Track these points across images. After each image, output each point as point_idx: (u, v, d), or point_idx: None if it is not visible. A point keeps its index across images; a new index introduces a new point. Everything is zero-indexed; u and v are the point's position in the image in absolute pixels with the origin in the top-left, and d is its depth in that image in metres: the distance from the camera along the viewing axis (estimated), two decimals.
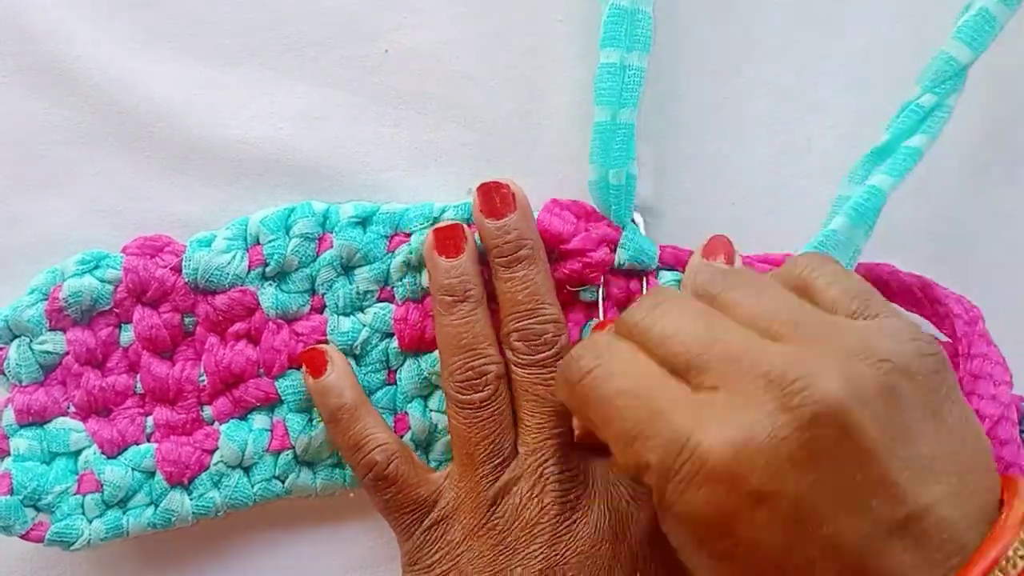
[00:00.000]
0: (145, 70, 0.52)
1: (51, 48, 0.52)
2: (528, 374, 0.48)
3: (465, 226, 0.50)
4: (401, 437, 0.51)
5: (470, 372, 0.48)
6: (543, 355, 0.48)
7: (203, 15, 0.52)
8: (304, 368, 0.50)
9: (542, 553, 0.47)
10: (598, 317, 0.51)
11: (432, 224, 0.50)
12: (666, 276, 0.51)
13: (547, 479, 0.47)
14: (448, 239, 0.49)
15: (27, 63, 0.52)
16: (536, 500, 0.47)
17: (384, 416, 0.51)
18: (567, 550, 0.47)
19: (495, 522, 0.47)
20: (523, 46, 0.53)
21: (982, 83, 0.53)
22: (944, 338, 0.51)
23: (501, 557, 0.47)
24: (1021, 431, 0.49)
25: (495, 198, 0.49)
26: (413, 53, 0.53)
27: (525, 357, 0.48)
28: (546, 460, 0.48)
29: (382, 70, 0.53)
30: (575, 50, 0.53)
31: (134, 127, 0.52)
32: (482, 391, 0.48)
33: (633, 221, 0.51)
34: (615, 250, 0.50)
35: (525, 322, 0.48)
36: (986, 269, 0.54)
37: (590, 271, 0.50)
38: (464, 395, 0.48)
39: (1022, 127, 0.54)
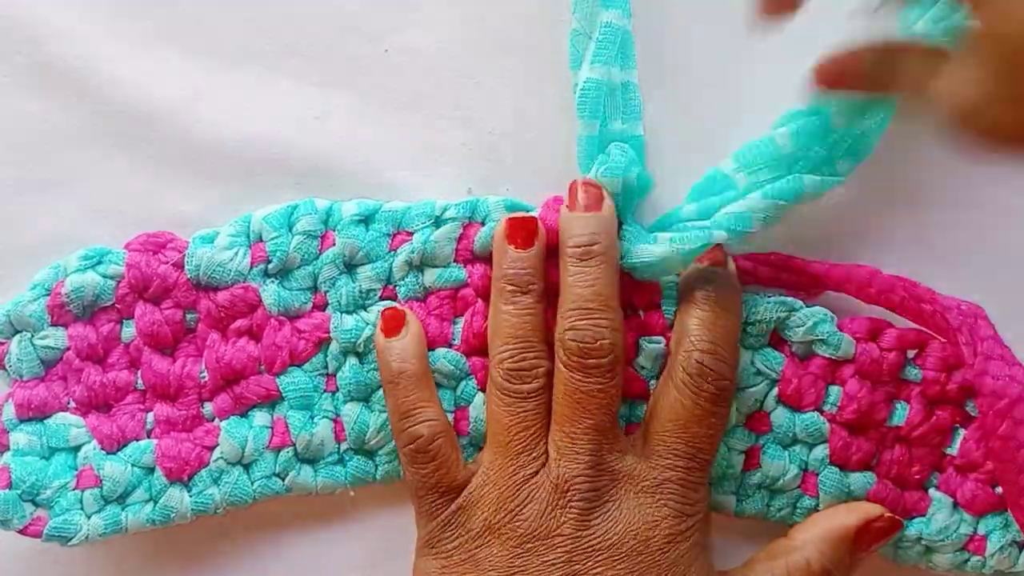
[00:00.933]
0: (145, 70, 0.53)
1: (51, 48, 0.52)
2: (574, 378, 0.47)
3: (539, 219, 0.50)
4: None
5: (523, 363, 0.48)
6: (594, 361, 0.47)
7: (204, 16, 0.53)
8: (379, 324, 0.50)
9: (561, 562, 0.47)
10: None
11: (434, 223, 0.50)
12: (668, 277, 0.51)
13: (573, 493, 0.47)
14: (522, 230, 0.49)
15: (27, 63, 0.52)
16: (560, 511, 0.47)
17: None
18: (587, 561, 0.47)
19: (517, 524, 0.47)
20: (523, 46, 0.53)
21: None
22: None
23: (518, 560, 0.47)
24: None
25: (587, 195, 0.49)
26: (413, 53, 0.53)
27: (575, 359, 0.47)
28: (575, 474, 0.47)
29: (382, 70, 0.53)
30: None
31: (134, 127, 0.52)
32: (531, 383, 0.48)
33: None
34: None
35: (584, 322, 0.47)
36: (983, 270, 0.54)
37: None
38: (512, 384, 0.48)
39: None
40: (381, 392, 0.51)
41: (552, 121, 0.53)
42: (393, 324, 0.50)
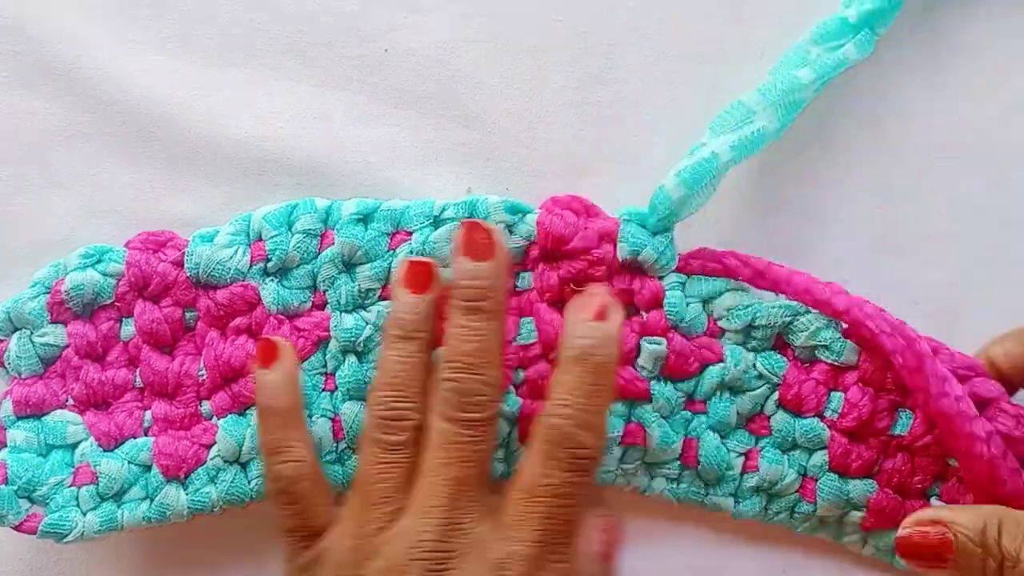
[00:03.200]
0: (145, 70, 0.53)
1: (51, 48, 0.52)
2: (447, 429, 0.46)
3: (436, 267, 0.49)
4: None
5: (391, 412, 0.47)
6: (469, 416, 0.46)
7: (203, 15, 0.53)
8: (255, 354, 0.49)
9: None
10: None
11: (432, 223, 0.50)
12: (671, 279, 0.51)
13: (418, 550, 0.45)
14: (416, 275, 0.48)
15: (27, 63, 0.53)
16: (403, 567, 0.45)
17: None
18: None
19: (363, 574, 0.46)
20: (523, 46, 0.53)
21: (975, 83, 0.54)
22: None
23: None
24: None
25: (480, 241, 0.47)
26: (413, 53, 0.53)
27: (451, 412, 0.46)
28: (423, 528, 0.45)
29: (382, 70, 0.53)
30: (574, 49, 0.53)
31: (134, 127, 0.53)
32: (396, 435, 0.47)
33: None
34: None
35: (464, 375, 0.46)
36: (980, 269, 0.54)
37: (593, 270, 0.50)
38: (379, 433, 0.47)
39: (1013, 128, 0.54)
40: None
41: (552, 121, 0.53)
42: (267, 355, 0.49)
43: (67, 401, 0.50)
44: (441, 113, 0.53)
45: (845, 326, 0.51)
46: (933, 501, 0.51)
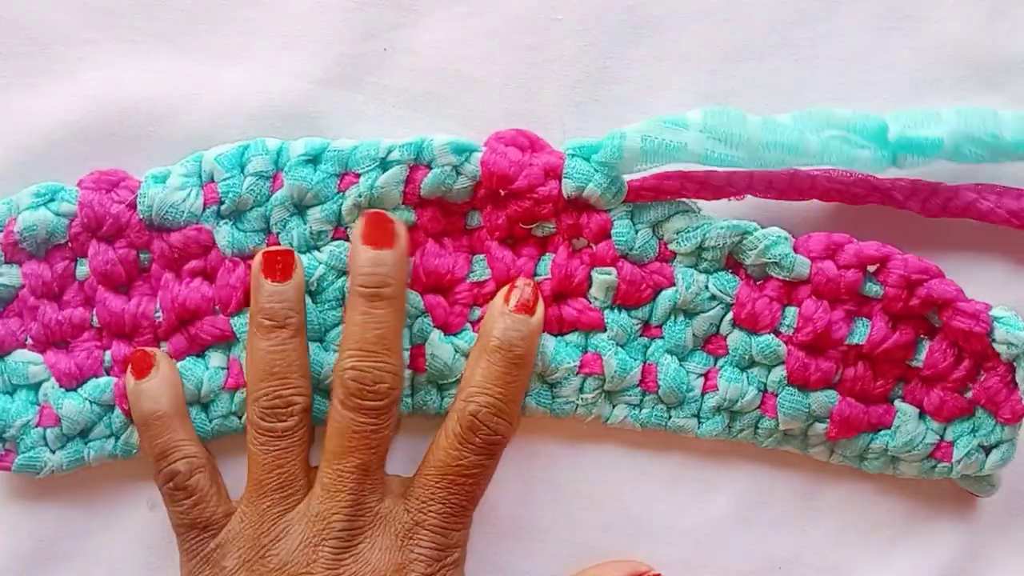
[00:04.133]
0: (145, 70, 0.53)
1: (51, 48, 0.53)
2: (348, 416, 0.47)
3: (296, 253, 0.50)
4: None
5: (277, 400, 0.48)
6: (371, 404, 0.47)
7: (202, 15, 0.53)
8: (128, 369, 0.50)
9: None
10: (553, 252, 0.51)
11: (380, 165, 0.50)
12: (620, 208, 0.50)
13: (328, 531, 0.47)
14: (277, 263, 0.49)
15: (27, 63, 0.53)
16: (313, 549, 0.47)
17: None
18: None
19: (268, 560, 0.47)
20: (522, 45, 0.54)
21: (973, 80, 0.54)
22: None
23: None
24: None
25: (379, 229, 0.48)
26: (413, 53, 0.54)
27: (352, 399, 0.47)
28: (333, 512, 0.47)
29: (381, 69, 0.54)
30: (574, 48, 0.53)
31: (134, 127, 0.53)
32: (285, 421, 0.48)
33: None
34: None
35: (366, 363, 0.47)
36: (977, 263, 0.54)
37: (539, 209, 0.50)
38: (266, 422, 0.48)
39: None
40: (336, 331, 0.51)
41: (552, 121, 0.53)
42: (142, 365, 0.50)
43: (26, 340, 0.51)
44: (441, 113, 0.54)
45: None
46: (897, 404, 0.51)
